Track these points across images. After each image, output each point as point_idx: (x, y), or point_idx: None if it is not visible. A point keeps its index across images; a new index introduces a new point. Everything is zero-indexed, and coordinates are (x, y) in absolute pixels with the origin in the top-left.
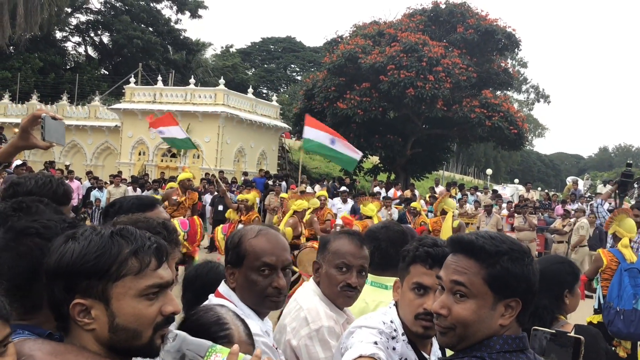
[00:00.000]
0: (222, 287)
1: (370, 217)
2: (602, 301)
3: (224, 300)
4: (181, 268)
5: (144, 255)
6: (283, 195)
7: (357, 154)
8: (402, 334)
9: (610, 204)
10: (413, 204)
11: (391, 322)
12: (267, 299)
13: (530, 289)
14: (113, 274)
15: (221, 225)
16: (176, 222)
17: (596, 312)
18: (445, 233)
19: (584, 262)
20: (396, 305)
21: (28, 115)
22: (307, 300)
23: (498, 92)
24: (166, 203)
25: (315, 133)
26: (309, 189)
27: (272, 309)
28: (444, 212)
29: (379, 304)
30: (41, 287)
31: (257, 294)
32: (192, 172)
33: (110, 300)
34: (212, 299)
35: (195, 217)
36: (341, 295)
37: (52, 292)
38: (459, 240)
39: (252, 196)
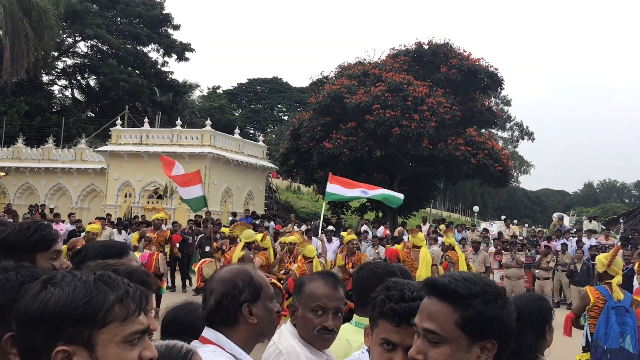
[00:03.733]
0: (208, 332)
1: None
2: (589, 339)
3: (213, 345)
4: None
5: (129, 302)
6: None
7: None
8: None
9: (596, 239)
10: (444, 239)
11: None
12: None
13: (505, 330)
14: (100, 321)
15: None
16: (137, 254)
17: (584, 350)
18: (423, 267)
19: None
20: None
21: None
22: (285, 343)
23: (482, 130)
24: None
25: (339, 189)
26: (296, 228)
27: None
28: (415, 246)
29: (361, 344)
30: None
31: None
32: (168, 214)
33: (95, 346)
34: (197, 346)
35: (157, 252)
36: (318, 338)
37: (30, 339)
38: (433, 283)
39: (296, 238)
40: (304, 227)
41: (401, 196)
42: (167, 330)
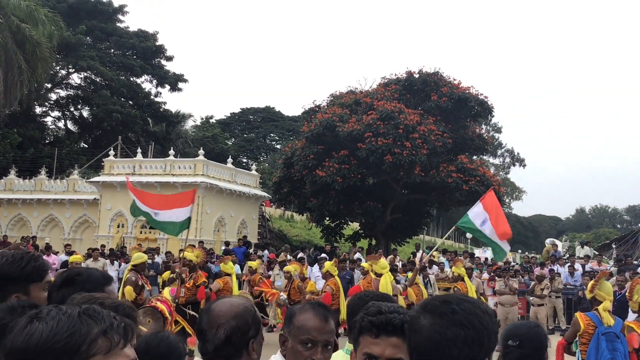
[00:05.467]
0: None
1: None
2: None
3: None
4: None
5: (113, 335)
6: (365, 265)
7: (505, 246)
8: None
9: (589, 265)
10: (454, 269)
11: None
12: None
13: (444, 353)
14: (83, 353)
15: None
16: (167, 290)
17: None
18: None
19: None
20: None
21: None
22: None
23: (474, 157)
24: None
25: (476, 211)
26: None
27: None
28: (377, 274)
29: None
30: None
31: None
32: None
33: None
34: None
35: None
36: None
37: None
38: None
39: (294, 267)
40: (300, 255)
41: (506, 248)
42: None
